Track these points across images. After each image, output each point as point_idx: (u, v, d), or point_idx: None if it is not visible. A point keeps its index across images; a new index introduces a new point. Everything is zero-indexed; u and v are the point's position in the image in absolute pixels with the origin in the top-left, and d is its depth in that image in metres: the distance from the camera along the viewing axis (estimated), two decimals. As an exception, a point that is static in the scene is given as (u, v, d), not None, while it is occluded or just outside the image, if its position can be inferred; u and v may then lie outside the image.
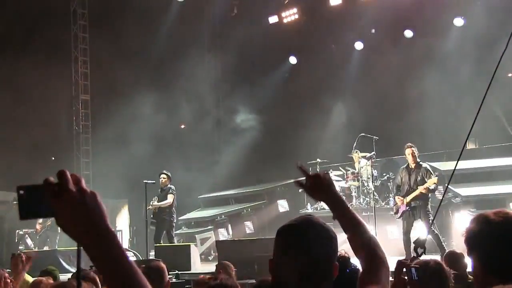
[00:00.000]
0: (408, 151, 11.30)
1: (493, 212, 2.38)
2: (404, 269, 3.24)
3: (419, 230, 11.11)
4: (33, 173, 18.30)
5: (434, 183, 11.02)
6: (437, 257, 10.00)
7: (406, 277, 3.20)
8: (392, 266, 2.82)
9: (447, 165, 13.95)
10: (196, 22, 20.78)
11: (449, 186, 11.86)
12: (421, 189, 11.01)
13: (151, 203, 13.83)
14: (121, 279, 1.51)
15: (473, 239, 2.37)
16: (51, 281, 6.09)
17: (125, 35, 18.18)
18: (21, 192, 1.55)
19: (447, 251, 8.09)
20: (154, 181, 14.03)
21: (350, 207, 2.62)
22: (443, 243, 10.83)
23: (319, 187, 2.59)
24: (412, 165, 11.30)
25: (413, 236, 10.54)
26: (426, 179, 11.10)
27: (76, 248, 1.54)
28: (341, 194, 10.41)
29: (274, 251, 2.19)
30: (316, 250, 2.12)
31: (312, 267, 2.10)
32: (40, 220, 15.99)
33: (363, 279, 2.38)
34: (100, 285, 4.69)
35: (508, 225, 2.31)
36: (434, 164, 14.21)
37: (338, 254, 2.22)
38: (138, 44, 19.02)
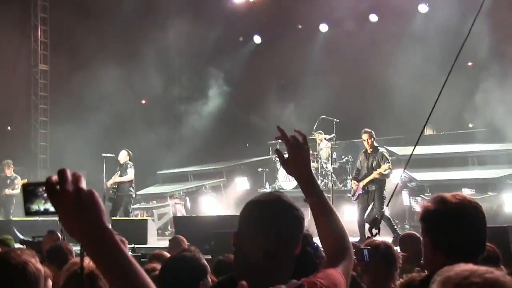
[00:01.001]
0: (364, 137, 11.43)
1: (451, 195, 2.44)
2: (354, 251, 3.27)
3: (373, 213, 11.28)
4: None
5: (389, 169, 11.15)
6: (390, 240, 10.22)
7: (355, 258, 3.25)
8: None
9: (405, 150, 14.16)
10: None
11: (405, 171, 12.04)
12: (374, 174, 11.18)
13: (112, 178, 13.76)
14: (119, 276, 1.53)
15: (428, 218, 2.43)
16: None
17: (87, 4, 17.87)
18: (28, 189, 1.61)
19: (400, 234, 8.24)
20: (113, 155, 13.93)
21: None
22: (395, 227, 11.03)
23: (299, 155, 2.47)
24: (369, 150, 11.45)
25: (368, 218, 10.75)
26: (381, 164, 11.25)
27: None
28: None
29: (240, 225, 2.19)
30: (284, 228, 2.11)
31: (278, 245, 2.10)
32: (-5, 190, 15.73)
33: (326, 264, 2.39)
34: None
35: (463, 208, 2.38)
36: (393, 149, 14.43)
37: None
38: (101, 14, 18.70)
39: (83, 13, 18.16)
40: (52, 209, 1.57)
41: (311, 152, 14.54)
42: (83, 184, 1.56)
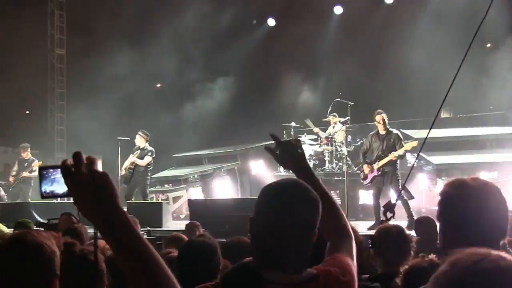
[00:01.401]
0: (378, 118, 11.30)
1: (471, 178, 2.39)
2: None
3: (389, 195, 11.23)
4: (8, 126, 18.17)
5: (413, 147, 11.06)
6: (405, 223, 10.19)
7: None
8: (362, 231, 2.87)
9: (421, 133, 14.07)
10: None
11: (421, 154, 11.96)
12: (395, 153, 11.04)
13: (129, 159, 13.77)
14: (132, 256, 1.55)
15: (450, 202, 2.36)
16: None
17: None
18: (43, 172, 1.66)
19: (415, 217, 8.20)
20: (128, 138, 13.95)
21: (322, 182, 2.57)
22: (411, 210, 10.95)
23: (289, 154, 2.57)
24: (383, 132, 11.34)
25: (383, 201, 10.68)
26: (396, 145, 11.15)
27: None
28: (314, 158, 10.45)
29: (256, 209, 2.18)
30: (301, 212, 2.11)
31: (295, 228, 2.09)
32: (14, 172, 15.88)
33: (330, 249, 2.41)
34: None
35: (485, 191, 2.32)
36: (408, 132, 14.34)
37: None
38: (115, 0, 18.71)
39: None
40: (67, 191, 1.61)
41: (326, 135, 14.60)
42: (97, 167, 1.59)
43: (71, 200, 1.60)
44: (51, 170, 1.66)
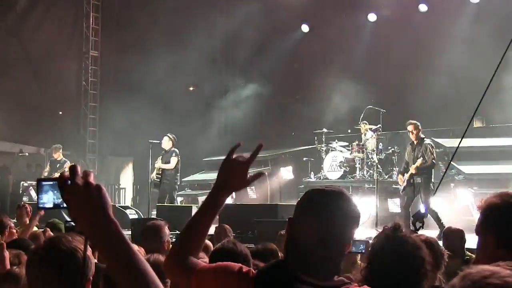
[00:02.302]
0: (409, 128, 11.26)
1: None
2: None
3: (419, 205, 11.12)
4: (40, 126, 18.43)
5: (432, 162, 10.97)
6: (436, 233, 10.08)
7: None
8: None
9: (453, 142, 13.90)
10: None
11: (453, 163, 11.81)
12: (412, 168, 11.04)
13: (155, 164, 13.89)
14: (121, 265, 1.61)
15: (495, 212, 2.31)
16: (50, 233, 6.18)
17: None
18: (41, 183, 1.74)
19: (445, 227, 8.09)
20: (159, 141, 14.07)
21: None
22: (441, 220, 10.82)
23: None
24: (415, 142, 11.29)
25: (412, 211, 10.57)
26: (425, 156, 11.07)
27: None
28: (345, 165, 10.42)
29: (297, 211, 2.22)
30: (341, 220, 2.14)
31: (333, 235, 2.12)
32: (45, 173, 16.09)
33: None
34: None
35: None
36: (440, 140, 14.18)
37: None
38: (151, 2, 18.87)
39: (133, 1, 18.35)
40: (63, 204, 1.68)
41: (357, 142, 14.56)
42: (92, 179, 1.65)
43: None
44: (45, 182, 1.74)
